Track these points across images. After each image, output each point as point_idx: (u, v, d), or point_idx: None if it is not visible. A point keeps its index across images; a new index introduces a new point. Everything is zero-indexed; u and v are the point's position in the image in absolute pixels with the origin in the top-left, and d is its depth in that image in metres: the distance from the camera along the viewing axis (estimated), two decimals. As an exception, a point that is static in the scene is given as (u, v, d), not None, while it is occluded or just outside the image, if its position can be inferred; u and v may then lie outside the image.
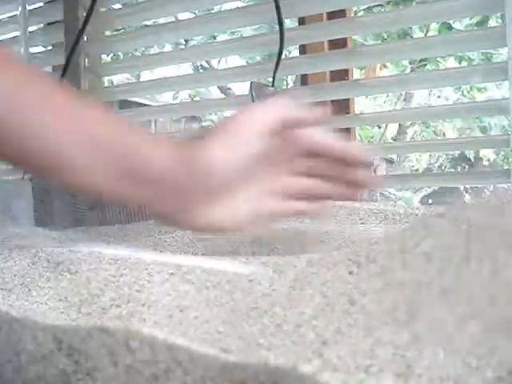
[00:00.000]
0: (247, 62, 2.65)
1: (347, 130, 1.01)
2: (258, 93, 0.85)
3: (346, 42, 0.99)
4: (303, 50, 1.04)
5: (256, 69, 1.11)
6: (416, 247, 0.34)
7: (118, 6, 1.26)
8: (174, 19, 1.65)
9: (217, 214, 0.43)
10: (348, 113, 1.00)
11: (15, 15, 1.24)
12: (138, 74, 2.91)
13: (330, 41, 0.99)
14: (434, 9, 0.86)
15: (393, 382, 0.24)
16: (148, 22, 1.70)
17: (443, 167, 3.92)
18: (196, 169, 0.42)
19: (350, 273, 0.35)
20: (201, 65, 2.97)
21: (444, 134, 3.64)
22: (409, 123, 3.46)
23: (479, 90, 3.08)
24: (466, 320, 0.27)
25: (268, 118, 0.43)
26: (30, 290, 0.40)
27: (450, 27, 2.24)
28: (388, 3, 1.78)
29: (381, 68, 3.10)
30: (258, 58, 2.54)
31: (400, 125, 3.50)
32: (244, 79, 1.08)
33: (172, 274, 0.40)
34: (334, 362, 0.25)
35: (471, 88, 3.05)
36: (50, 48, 1.42)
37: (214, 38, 2.36)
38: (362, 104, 3.42)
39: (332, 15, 0.98)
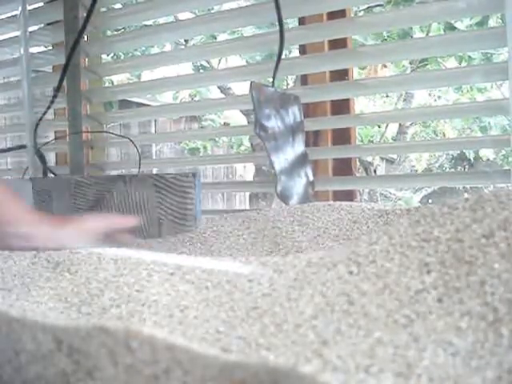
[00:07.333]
0: (247, 62, 2.64)
1: (347, 130, 1.01)
2: (258, 93, 0.85)
3: (346, 41, 0.99)
4: (303, 49, 1.04)
5: (256, 69, 1.11)
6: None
7: (118, 5, 1.26)
8: (173, 19, 1.65)
9: None
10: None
11: (15, 15, 1.24)
12: (138, 74, 2.91)
13: (330, 41, 0.99)
14: (434, 9, 0.86)
15: (393, 381, 0.24)
16: (148, 22, 1.70)
17: (443, 167, 3.91)
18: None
19: (350, 273, 0.35)
20: (201, 64, 2.97)
21: (444, 134, 3.64)
22: (409, 123, 3.46)
23: (479, 90, 3.07)
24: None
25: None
26: (29, 290, 0.40)
27: (452, 27, 2.22)
28: (388, 3, 1.78)
29: (381, 68, 3.09)
30: (258, 58, 2.54)
31: (400, 125, 3.49)
32: (244, 79, 1.08)
33: (172, 273, 0.40)
34: (334, 362, 0.25)
35: (475, 89, 3.03)
36: (50, 48, 1.42)
37: (214, 37, 2.36)
38: (361, 104, 3.42)
39: (332, 15, 0.98)
